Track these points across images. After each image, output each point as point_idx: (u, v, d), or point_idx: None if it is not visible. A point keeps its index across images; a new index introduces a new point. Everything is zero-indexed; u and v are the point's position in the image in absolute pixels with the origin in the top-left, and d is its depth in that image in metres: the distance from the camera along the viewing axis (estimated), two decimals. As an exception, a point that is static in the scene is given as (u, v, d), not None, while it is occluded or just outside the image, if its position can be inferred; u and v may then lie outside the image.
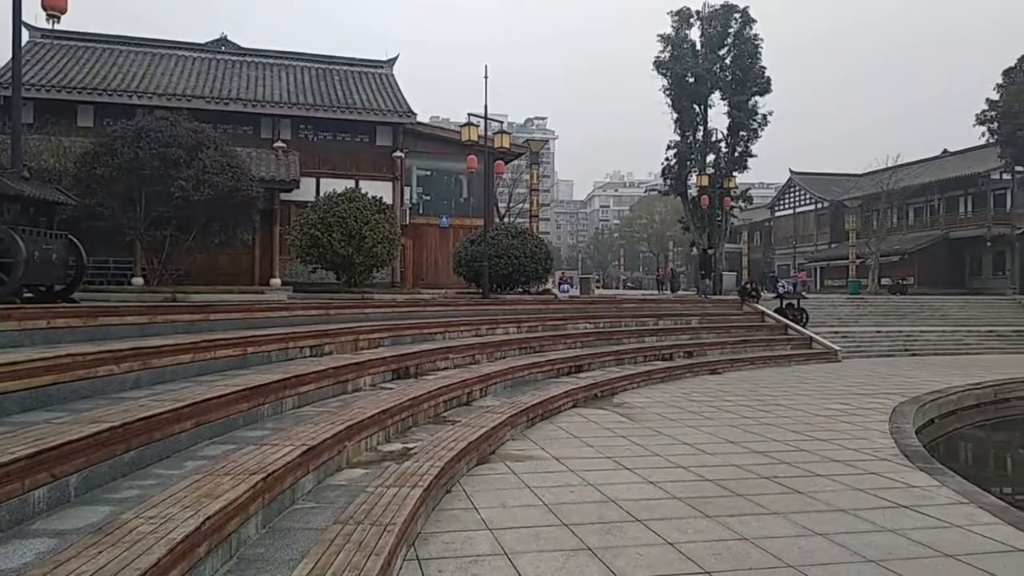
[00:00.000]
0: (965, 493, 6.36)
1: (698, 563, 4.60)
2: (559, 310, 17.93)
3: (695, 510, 5.78)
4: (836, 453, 7.98)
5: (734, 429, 9.39)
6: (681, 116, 29.64)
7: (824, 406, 11.42)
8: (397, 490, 5.27)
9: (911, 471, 7.20)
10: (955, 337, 23.16)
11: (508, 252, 19.31)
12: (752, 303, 23.01)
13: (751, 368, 16.99)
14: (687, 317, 20.59)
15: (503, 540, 4.99)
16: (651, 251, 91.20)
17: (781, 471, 7.14)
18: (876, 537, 5.16)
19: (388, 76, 26.83)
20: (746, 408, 11.15)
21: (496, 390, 10.46)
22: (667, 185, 31.40)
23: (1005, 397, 14.96)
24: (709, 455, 7.85)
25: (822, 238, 58.71)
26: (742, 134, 29.51)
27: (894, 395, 12.60)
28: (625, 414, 10.44)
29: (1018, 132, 32.33)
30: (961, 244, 46.54)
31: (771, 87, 29.19)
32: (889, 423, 9.91)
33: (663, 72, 29.57)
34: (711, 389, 13.34)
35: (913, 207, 50.35)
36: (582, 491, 6.30)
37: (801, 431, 9.29)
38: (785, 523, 5.48)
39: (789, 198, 64.81)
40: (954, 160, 49.20)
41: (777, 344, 19.97)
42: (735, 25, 29.32)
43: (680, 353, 16.78)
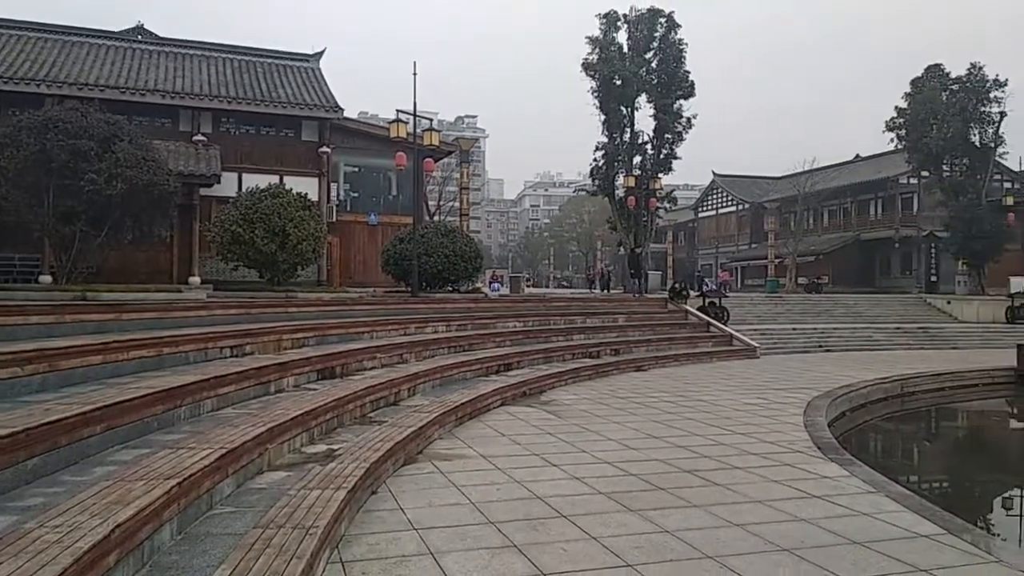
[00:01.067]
0: (873, 483, 6.68)
1: (620, 556, 4.69)
2: (489, 308, 17.95)
3: (619, 504, 5.88)
4: (754, 446, 8.25)
5: (658, 425, 9.60)
6: (609, 118, 30.09)
7: (743, 401, 11.80)
8: (321, 492, 5.18)
9: (823, 462, 7.51)
10: (865, 334, 24.27)
11: (438, 250, 19.23)
12: (680, 303, 23.51)
13: (675, 365, 17.39)
14: (614, 315, 20.93)
15: (429, 540, 4.97)
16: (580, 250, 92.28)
17: (702, 464, 7.34)
18: (790, 526, 5.37)
19: (314, 70, 26.32)
20: (670, 404, 11.41)
21: (425, 389, 10.40)
22: (595, 185, 31.81)
23: (910, 391, 15.78)
24: (634, 450, 8.00)
25: (743, 238, 60.65)
26: (667, 137, 30.18)
27: (809, 390, 13.11)
28: (553, 411, 10.54)
29: (923, 139, 34.09)
30: (872, 245, 48.85)
31: (695, 91, 29.99)
32: (803, 416, 10.31)
33: (591, 74, 29.96)
34: (637, 386, 13.60)
35: (828, 209, 52.56)
36: (509, 489, 6.33)
37: (721, 425, 9.57)
38: (705, 515, 5.63)
39: (712, 199, 66.69)
40: (866, 164, 51.59)
41: (700, 341, 20.50)
42: (660, 29, 29.97)
43: (607, 351, 17.04)
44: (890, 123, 36.05)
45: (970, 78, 33.74)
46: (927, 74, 35.11)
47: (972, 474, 11.29)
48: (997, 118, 33.42)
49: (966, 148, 33.82)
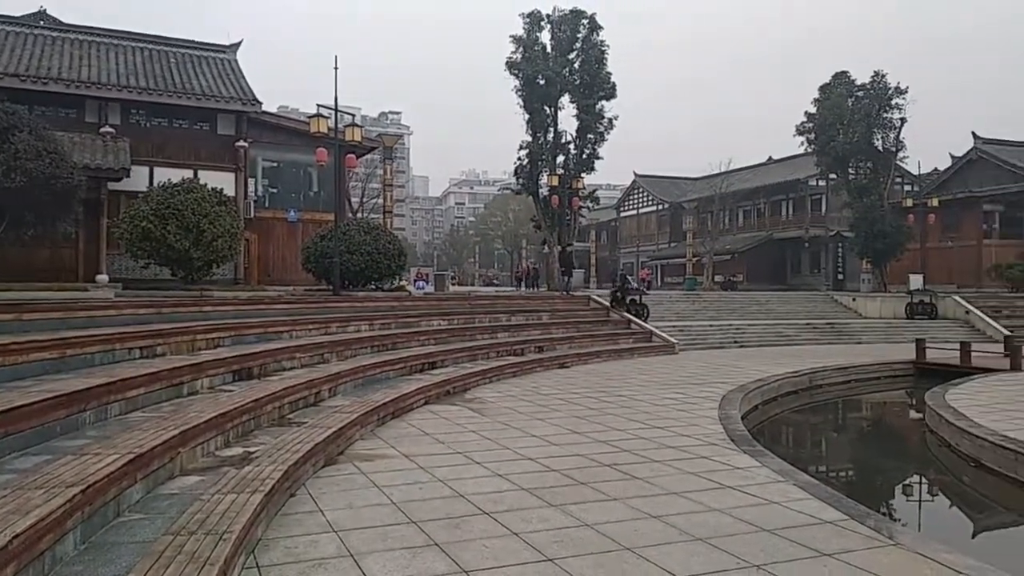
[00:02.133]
0: (782, 472, 6.96)
1: (541, 551, 4.74)
2: (413, 307, 17.83)
3: (541, 500, 5.94)
4: (671, 440, 8.48)
5: (580, 420, 9.74)
6: (533, 117, 30.29)
7: (662, 396, 12.10)
8: (236, 496, 5.04)
9: (737, 454, 7.78)
10: (777, 329, 25.26)
11: (360, 248, 18.96)
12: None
13: (597, 361, 17.68)
14: (539, 313, 21.11)
15: (349, 542, 4.90)
16: (506, 249, 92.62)
17: (622, 459, 7.49)
18: (705, 517, 5.54)
19: (231, 62, 25.51)
20: (592, 400, 11.60)
21: (346, 389, 10.25)
22: (520, 184, 31.97)
23: (818, 384, 16.53)
24: (556, 446, 8.09)
25: (663, 237, 62.16)
26: (590, 137, 30.60)
27: (724, 384, 13.55)
28: (477, 409, 10.55)
29: (831, 143, 35.70)
30: (784, 244, 50.88)
31: (616, 92, 30.49)
32: (719, 410, 10.65)
33: (515, 73, 30.09)
34: (560, 382, 13.76)
35: (743, 209, 54.47)
36: (432, 488, 6.30)
37: (641, 420, 9.79)
38: (624, 508, 5.75)
39: (633, 199, 68.06)
40: (778, 167, 53.67)
41: (621, 338, 20.91)
42: (583, 30, 30.36)
43: (531, 348, 17.18)
44: (800, 127, 37.59)
45: (874, 85, 35.51)
46: (835, 81, 36.76)
47: (875, 462, 11.91)
48: (898, 124, 35.32)
49: (870, 152, 35.61)
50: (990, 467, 8.77)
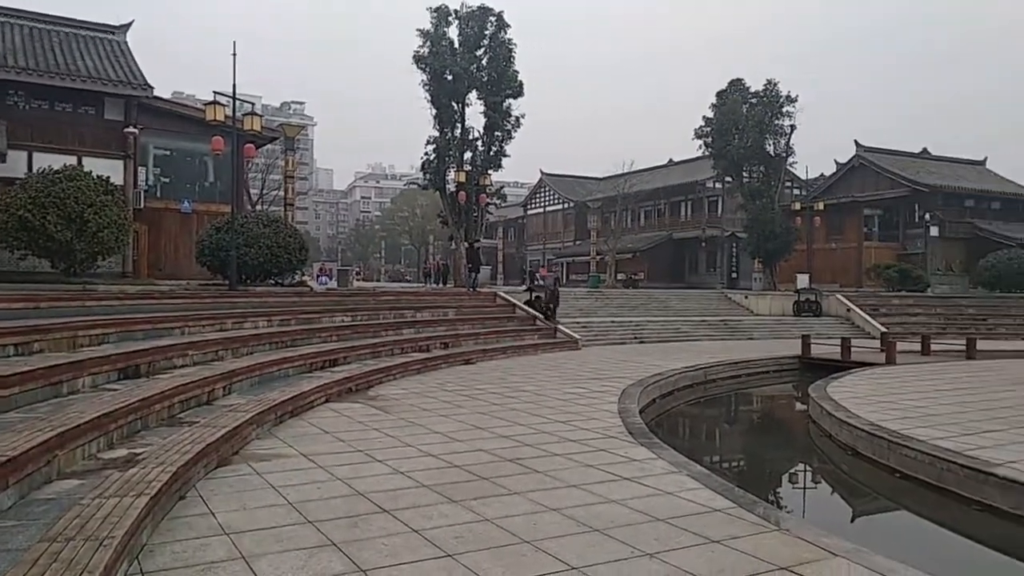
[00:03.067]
0: (676, 463, 7.21)
1: (441, 547, 4.73)
2: (315, 303, 17.41)
3: (442, 496, 5.93)
4: (572, 433, 8.63)
5: (484, 416, 9.78)
6: (440, 112, 30.12)
7: (564, 390, 12.30)
8: (119, 500, 4.78)
9: (634, 446, 8.01)
10: (675, 326, 26.15)
11: (259, 241, 18.34)
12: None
13: (503, 357, 17.80)
14: (445, 309, 21.06)
15: (241, 544, 4.74)
16: (413, 244, 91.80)
17: (524, 453, 7.57)
18: (602, 508, 5.67)
19: (120, 43, 24.15)
20: (496, 395, 11.66)
21: (242, 388, 9.90)
22: (426, 179, 31.75)
23: (712, 378, 17.22)
24: (459, 442, 8.09)
25: (568, 235, 63.16)
26: (497, 134, 30.71)
27: (624, 379, 13.91)
28: (380, 407, 10.42)
29: (727, 147, 37.24)
30: (683, 243, 52.72)
31: (524, 91, 30.71)
32: (618, 404, 10.93)
33: (422, 67, 29.84)
34: (465, 378, 13.76)
35: (644, 210, 56.04)
36: (330, 487, 6.18)
37: (543, 415, 9.92)
38: (524, 502, 5.82)
39: (540, 197, 68.85)
40: (678, 169, 55.52)
41: (526, 334, 21.13)
42: (491, 28, 30.41)
43: (437, 344, 17.11)
44: (699, 131, 39.00)
45: (767, 93, 37.24)
46: (730, 87, 38.33)
47: (763, 452, 12.53)
48: (788, 131, 37.20)
49: (763, 157, 37.34)
50: (866, 455, 9.38)
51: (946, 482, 7.71)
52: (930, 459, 8.03)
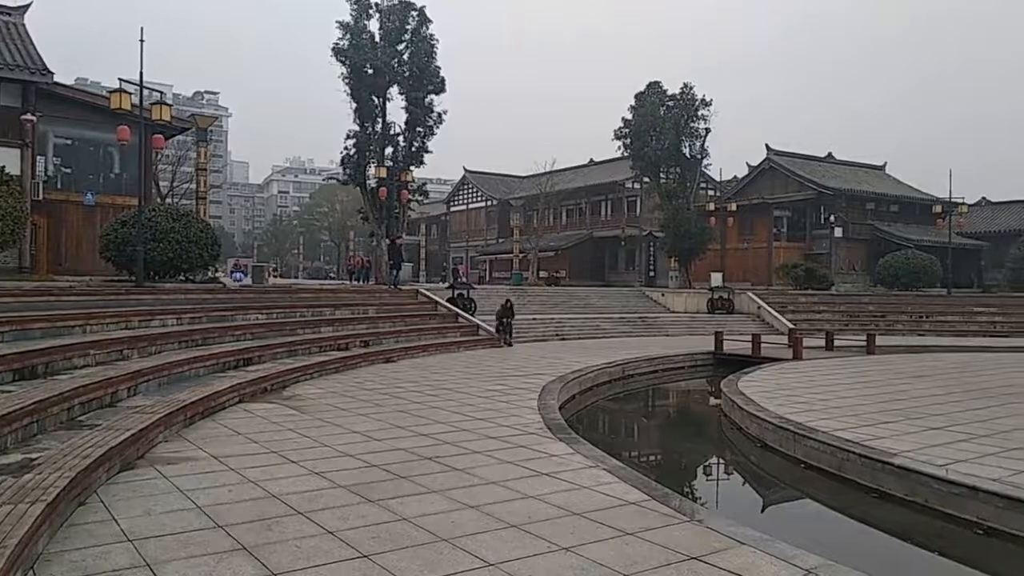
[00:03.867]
0: (593, 458, 7.33)
1: (357, 548, 4.66)
2: (228, 300, 16.87)
3: (359, 497, 5.84)
4: (492, 430, 8.66)
5: (404, 414, 9.69)
6: (361, 107, 29.66)
7: (485, 387, 12.33)
8: (12, 508, 4.52)
9: (553, 442, 8.10)
10: (595, 323, 26.59)
11: (168, 236, 17.61)
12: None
13: (424, 355, 17.69)
14: (364, 307, 20.76)
15: (146, 551, 4.55)
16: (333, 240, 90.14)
17: (443, 451, 7.54)
18: (520, 504, 5.71)
19: (17, 25, 22.74)
20: (416, 393, 11.58)
21: (149, 388, 9.50)
22: (347, 175, 31.21)
23: (630, 373, 17.58)
24: (378, 441, 8.00)
25: (491, 233, 63.27)
26: (419, 130, 30.47)
27: (545, 375, 14.05)
28: (296, 407, 10.18)
29: (645, 148, 38.06)
30: (603, 242, 53.59)
31: (446, 87, 30.58)
32: (538, 400, 11.03)
33: (342, 60, 29.30)
34: (385, 377, 13.61)
35: (566, 208, 56.68)
36: (242, 489, 6.00)
37: (464, 412, 9.91)
38: (443, 500, 5.80)
39: (463, 194, 68.72)
40: (598, 169, 56.41)
41: (448, 331, 21.06)
42: (412, 23, 30.13)
43: (357, 343, 16.85)
44: (618, 132, 39.71)
45: (683, 96, 38.25)
46: (648, 90, 39.18)
47: (677, 446, 12.88)
48: (703, 133, 38.30)
49: (679, 158, 38.33)
50: (773, 447, 9.76)
51: (847, 471, 8.11)
52: (832, 450, 8.43)
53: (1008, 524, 6.23)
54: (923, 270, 35.50)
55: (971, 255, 43.55)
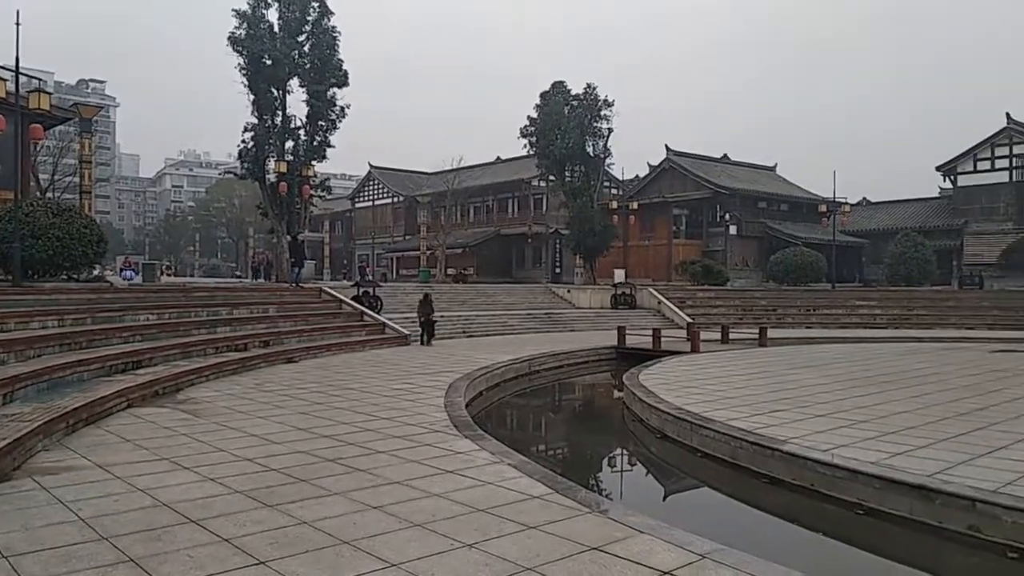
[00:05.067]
0: (498, 454, 7.37)
1: (253, 554, 4.51)
2: (116, 299, 15.98)
3: (256, 502, 5.66)
4: (397, 429, 8.57)
5: (306, 416, 9.45)
6: (259, 98, 28.62)
7: (391, 387, 12.18)
8: None
9: (458, 439, 8.09)
10: (503, 319, 26.74)
11: (48, 232, 16.47)
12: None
13: (328, 355, 17.32)
14: (265, 306, 20.11)
15: (22, 567, 4.25)
16: (231, 237, 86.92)
17: (346, 452, 7.40)
18: (424, 503, 5.67)
19: None
20: (319, 394, 11.32)
21: (27, 394, 8.88)
22: (245, 169, 30.08)
23: (537, 369, 17.80)
24: (277, 444, 7.76)
25: (398, 230, 62.59)
26: (321, 124, 29.71)
27: (451, 373, 14.01)
28: (190, 410, 9.76)
29: (550, 147, 38.52)
30: (510, 239, 53.92)
31: (349, 80, 29.93)
32: (445, 398, 10.99)
33: (239, 50, 28.18)
34: (286, 378, 13.24)
35: (473, 205, 56.75)
36: (130, 499, 5.70)
37: (368, 412, 9.76)
38: (345, 501, 5.69)
39: (369, 190, 67.64)
40: (505, 166, 56.72)
41: (353, 330, 20.69)
42: (313, 14, 29.31)
43: (256, 343, 16.31)
44: (524, 130, 40.05)
45: (586, 97, 38.94)
46: (554, 89, 39.67)
47: (581, 439, 13.13)
48: (606, 133, 39.12)
49: (583, 157, 39.01)
50: (672, 437, 10.09)
51: (740, 459, 8.47)
52: (726, 438, 8.79)
53: (885, 504, 6.66)
54: (810, 266, 37.54)
55: (853, 252, 46.35)
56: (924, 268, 37.77)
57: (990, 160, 42.29)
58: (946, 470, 6.85)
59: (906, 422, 9.36)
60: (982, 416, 9.86)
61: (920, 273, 37.55)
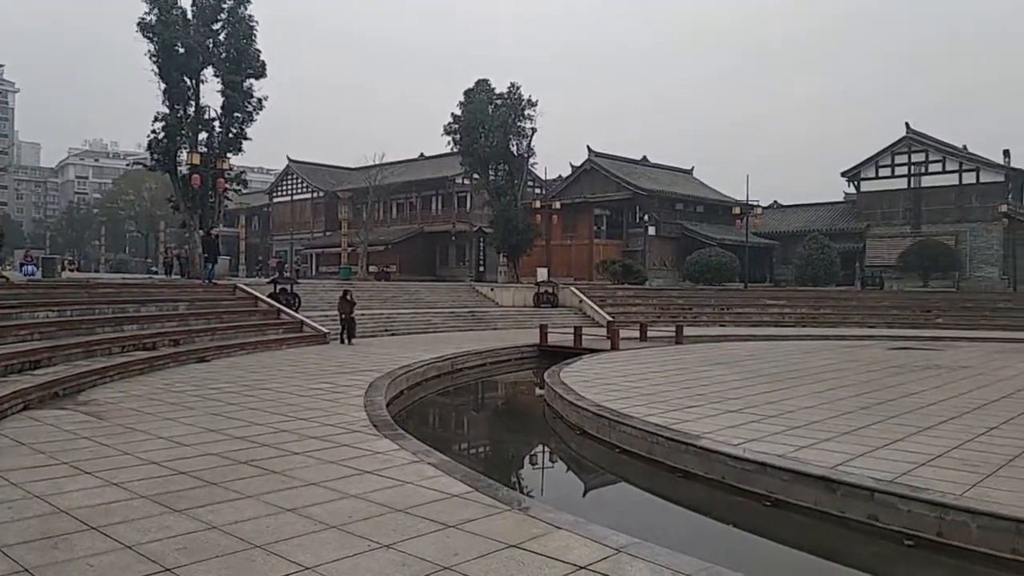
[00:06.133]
0: (418, 453, 7.31)
1: (159, 562, 4.32)
2: (12, 296, 15.09)
3: (163, 507, 5.43)
4: (314, 430, 8.38)
5: (218, 417, 9.14)
6: (171, 87, 27.44)
7: (309, 387, 11.91)
8: None
9: (378, 439, 7.98)
10: (425, 318, 26.56)
11: (-64, 224, 15.44)
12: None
13: (242, 354, 16.81)
14: (175, 303, 19.35)
15: (-103, 585, 3.95)
16: (140, 231, 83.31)
17: (260, 454, 7.19)
18: (341, 504, 5.57)
19: None
20: (233, 395, 10.96)
21: (-92, 397, 8.27)
22: (155, 160, 28.82)
23: (459, 367, 17.76)
24: (187, 447, 7.47)
25: (318, 226, 61.39)
26: (237, 115, 28.72)
27: (372, 372, 13.82)
28: (93, 412, 9.29)
29: (474, 145, 38.53)
30: (434, 237, 53.70)
31: (267, 72, 29.08)
32: (365, 397, 10.82)
33: (149, 36, 26.95)
34: (197, 378, 12.77)
35: (396, 202, 56.18)
36: (25, 506, 5.38)
37: (285, 412, 9.51)
38: (259, 505, 5.52)
39: (287, 185, 66.08)
40: (429, 163, 56.42)
41: (270, 329, 20.14)
42: (229, 2, 28.34)
43: (166, 342, 15.67)
44: (447, 127, 39.89)
45: (510, 96, 39.10)
46: (477, 87, 39.69)
47: (503, 436, 13.18)
48: (530, 133, 39.41)
49: (507, 156, 39.19)
50: (592, 434, 10.24)
51: (656, 454, 8.67)
52: (643, 434, 8.98)
53: (792, 496, 6.94)
54: (724, 266, 38.83)
55: (764, 252, 48.19)
56: (830, 269, 39.59)
57: (890, 167, 44.71)
58: (847, 462, 7.20)
59: (812, 416, 9.79)
60: (881, 410, 10.40)
61: (826, 274, 39.34)
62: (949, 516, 5.84)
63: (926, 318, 31.15)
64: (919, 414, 10.08)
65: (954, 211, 42.06)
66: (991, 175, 41.47)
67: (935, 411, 10.37)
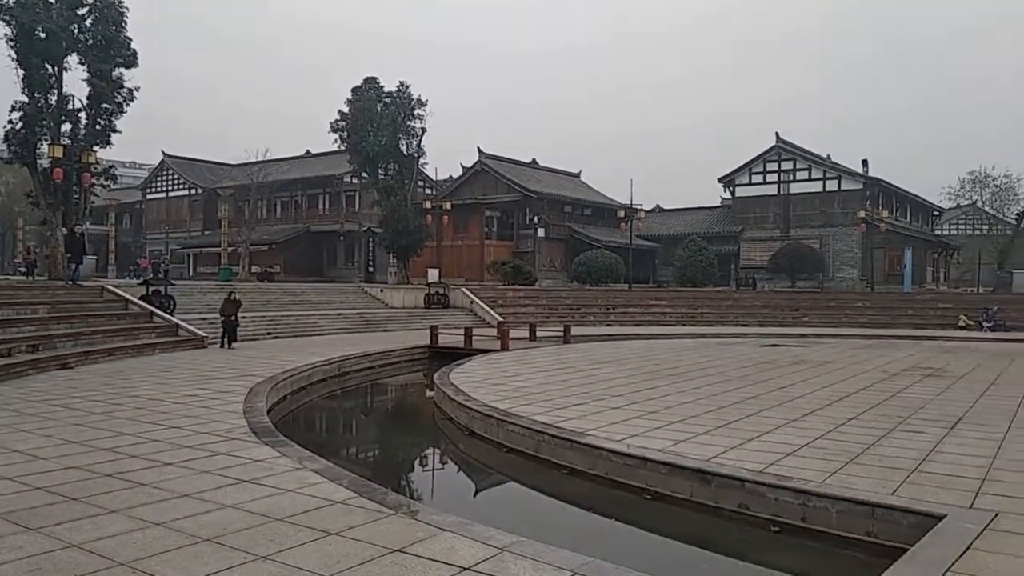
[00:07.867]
0: (300, 460, 7.09)
1: (7, 588, 3.99)
2: None
3: (16, 525, 5.01)
4: (188, 439, 7.97)
5: (81, 428, 8.54)
6: (30, 74, 25.29)
7: (184, 393, 11.33)
8: None
9: (257, 446, 7.68)
10: (312, 320, 25.85)
11: None
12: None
13: (111, 359, 15.80)
14: (34, 306, 17.94)
15: None
16: (-6, 229, 76.65)
17: (128, 465, 6.78)
18: (215, 515, 5.32)
19: None
20: (98, 403, 10.27)
21: None
22: (12, 152, 26.58)
23: (347, 371, 17.38)
24: (45, 460, 6.94)
25: (196, 224, 58.63)
26: (105, 106, 26.85)
27: (253, 376, 13.30)
28: (-66, 426, 8.46)
29: (362, 143, 37.80)
30: (321, 237, 52.37)
31: (138, 61, 27.35)
32: (244, 403, 10.40)
33: (5, 18, 24.79)
34: (59, 386, 11.89)
35: (281, 200, 54.41)
36: None
37: (156, 421, 9.00)
38: (124, 520, 5.19)
39: (163, 181, 62.72)
40: (316, 161, 54.93)
41: (142, 333, 19.03)
42: (97, -15, 26.52)
43: (23, 347, 14.52)
44: (334, 125, 38.97)
45: (400, 94, 38.64)
46: (366, 84, 38.95)
47: (391, 439, 13.00)
48: (420, 132, 39.07)
49: (397, 155, 38.68)
50: (480, 434, 10.27)
51: (542, 452, 8.80)
52: (529, 433, 9.10)
53: (670, 488, 7.22)
54: (610, 267, 39.95)
55: (648, 254, 49.94)
56: (707, 271, 41.50)
57: (762, 174, 47.37)
58: (721, 454, 7.56)
59: (690, 411, 10.22)
60: (753, 404, 11.00)
61: (704, 275, 41.22)
62: (812, 503, 6.24)
63: (794, 316, 33.23)
64: (787, 407, 10.72)
65: (819, 216, 45.05)
66: (851, 183, 44.71)
67: (801, 404, 11.07)
